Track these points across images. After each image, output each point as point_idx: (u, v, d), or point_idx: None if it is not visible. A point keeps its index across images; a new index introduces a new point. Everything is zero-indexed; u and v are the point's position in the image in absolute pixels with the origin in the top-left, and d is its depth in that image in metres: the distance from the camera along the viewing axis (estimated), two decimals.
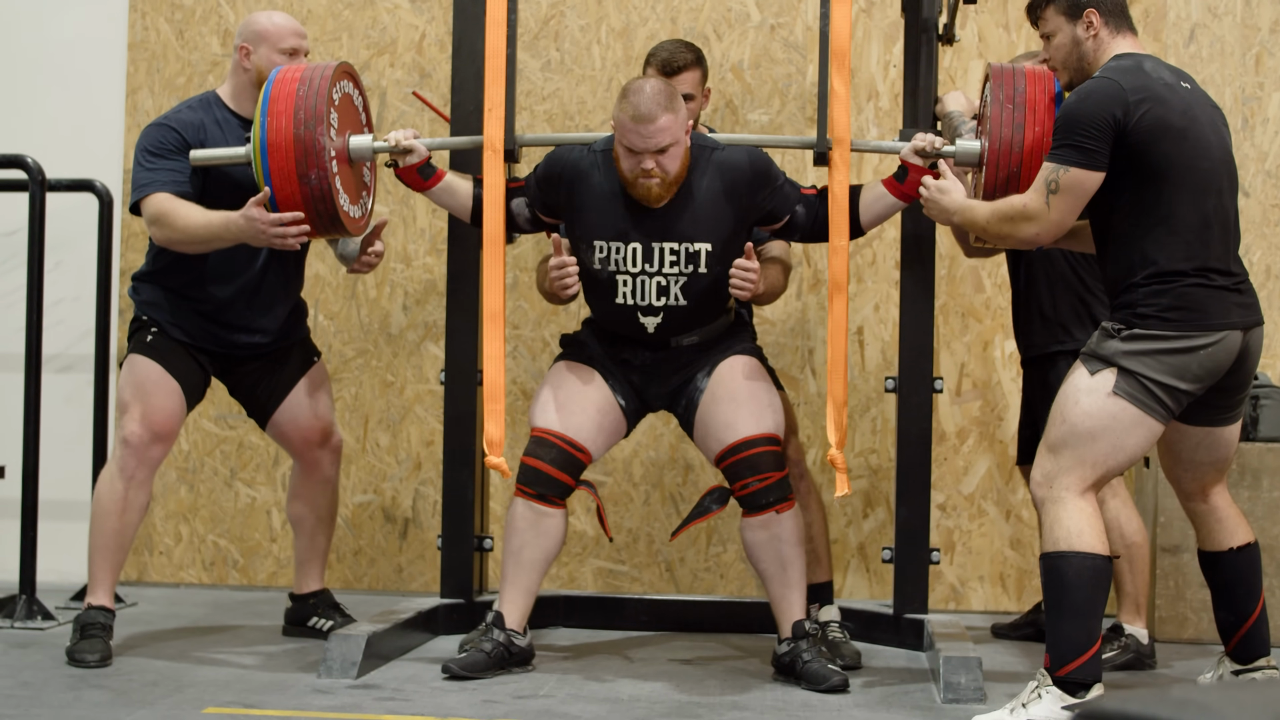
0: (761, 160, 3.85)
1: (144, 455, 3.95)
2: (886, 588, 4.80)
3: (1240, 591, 3.55)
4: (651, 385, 3.94)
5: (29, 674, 3.73)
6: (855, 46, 5.09)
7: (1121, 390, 3.26)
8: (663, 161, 3.70)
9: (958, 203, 3.63)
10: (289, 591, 4.43)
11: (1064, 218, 3.38)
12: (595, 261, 3.83)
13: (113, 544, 3.97)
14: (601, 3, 5.20)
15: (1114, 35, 3.49)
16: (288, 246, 3.82)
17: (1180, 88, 3.39)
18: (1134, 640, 4.02)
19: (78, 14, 5.40)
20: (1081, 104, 3.35)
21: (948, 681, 3.56)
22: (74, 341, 5.30)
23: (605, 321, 3.95)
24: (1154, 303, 3.29)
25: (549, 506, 3.79)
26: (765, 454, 3.74)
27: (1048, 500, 3.30)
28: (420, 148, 3.92)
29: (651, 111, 3.65)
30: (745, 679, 3.82)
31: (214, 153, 3.92)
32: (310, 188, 3.76)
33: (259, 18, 4.10)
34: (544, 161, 3.93)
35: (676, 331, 3.88)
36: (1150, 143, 3.30)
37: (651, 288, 3.81)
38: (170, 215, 3.88)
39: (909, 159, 3.83)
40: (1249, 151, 4.97)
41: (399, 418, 5.24)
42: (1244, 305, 3.36)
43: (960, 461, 5.04)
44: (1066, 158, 3.33)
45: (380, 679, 3.70)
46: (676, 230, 3.79)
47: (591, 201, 3.83)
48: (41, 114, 5.38)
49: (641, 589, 5.13)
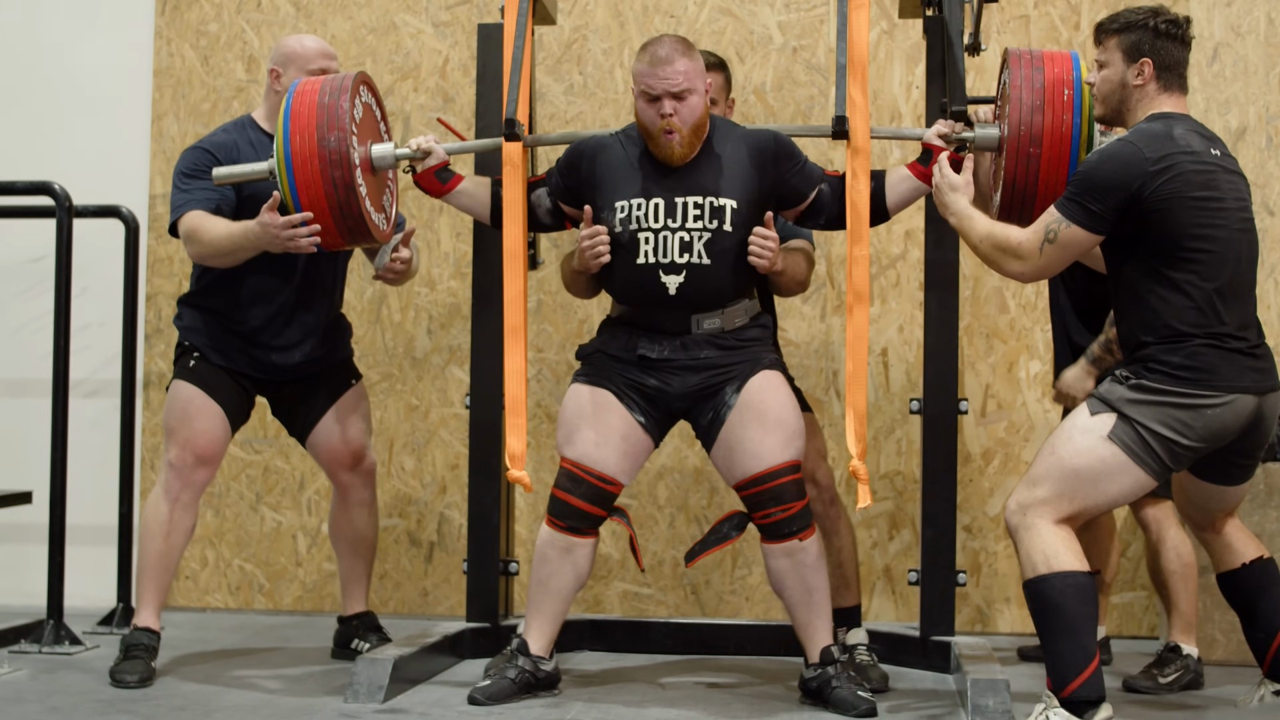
0: (785, 139, 3.87)
1: (189, 479, 4.02)
2: (913, 610, 4.80)
3: (1264, 606, 3.55)
4: (673, 383, 3.82)
5: (57, 699, 3.74)
6: (877, 68, 5.10)
7: (1117, 437, 3.28)
8: (681, 110, 3.70)
9: (959, 207, 3.61)
10: (338, 615, 4.46)
11: (1050, 266, 3.42)
12: (617, 223, 3.79)
13: (158, 565, 4.02)
14: (624, 26, 5.21)
15: (1161, 91, 3.46)
16: (301, 249, 3.83)
17: (1208, 155, 3.37)
18: (1191, 659, 4.03)
19: (103, 41, 5.43)
20: (1101, 166, 3.35)
21: (975, 704, 3.54)
22: (100, 366, 5.32)
23: (626, 290, 3.86)
24: (1165, 360, 3.29)
25: (579, 537, 3.78)
26: (789, 484, 3.71)
27: (1020, 528, 3.33)
28: (439, 150, 3.95)
29: (669, 55, 3.70)
30: (772, 703, 3.81)
31: (236, 169, 3.94)
32: (336, 197, 3.78)
33: (289, 41, 4.18)
34: (565, 151, 3.96)
35: (698, 298, 3.79)
36: (1167, 211, 3.30)
37: (675, 243, 3.75)
38: (199, 230, 3.96)
39: (931, 141, 3.82)
40: (1274, 170, 4.95)
41: (424, 441, 5.24)
42: (1259, 369, 3.34)
43: (986, 483, 5.03)
44: (1072, 213, 3.35)
45: (407, 703, 3.70)
46: (700, 185, 3.77)
47: (613, 169, 3.83)
48: (68, 141, 5.41)
49: (667, 612, 5.13)
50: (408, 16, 5.30)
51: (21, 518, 5.07)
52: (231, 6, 5.36)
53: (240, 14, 5.36)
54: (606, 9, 5.22)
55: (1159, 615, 4.82)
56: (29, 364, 5.31)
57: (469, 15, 5.25)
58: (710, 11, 5.19)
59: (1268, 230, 4.94)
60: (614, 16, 5.22)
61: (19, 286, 5.40)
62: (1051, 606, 3.25)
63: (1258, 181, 4.95)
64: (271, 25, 5.34)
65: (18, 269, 5.39)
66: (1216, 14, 4.99)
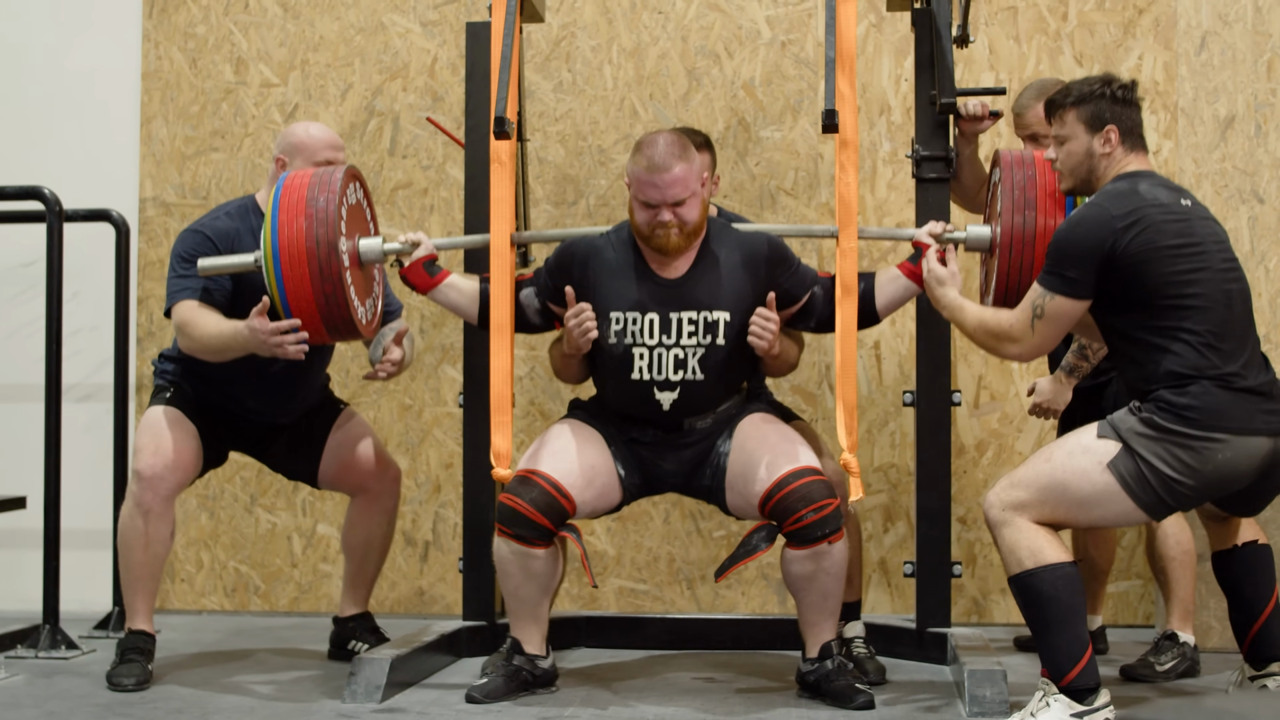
0: (779, 242, 3.84)
1: (158, 486, 3.95)
2: (909, 602, 4.80)
3: (1249, 589, 3.59)
4: (664, 460, 3.85)
5: (54, 704, 3.74)
6: (866, 62, 5.11)
7: (1115, 468, 3.28)
8: (680, 213, 3.66)
9: (949, 299, 3.66)
10: (333, 615, 4.45)
11: (1046, 342, 3.44)
12: (611, 335, 3.76)
13: (142, 575, 4.00)
14: (612, 23, 5.21)
15: (1127, 154, 3.50)
16: (289, 355, 3.78)
17: (1178, 206, 3.39)
18: (1188, 647, 4.04)
19: (91, 45, 5.43)
20: (1070, 233, 3.38)
21: (973, 695, 3.55)
22: (93, 371, 5.32)
23: (618, 401, 3.86)
24: (1174, 401, 3.27)
25: (532, 547, 3.69)
26: (815, 484, 3.64)
27: (1000, 524, 3.34)
28: (428, 243, 3.90)
29: (666, 161, 3.64)
30: (769, 697, 3.81)
31: (223, 261, 3.89)
32: (324, 294, 3.73)
33: (296, 130, 4.12)
34: (555, 251, 3.90)
35: (691, 410, 3.81)
36: (1143, 263, 3.31)
37: (669, 361, 3.75)
38: (190, 325, 3.91)
39: (922, 240, 3.82)
40: (1263, 158, 4.96)
41: (418, 441, 5.24)
42: (1271, 411, 3.32)
43: (980, 474, 5.04)
44: (1053, 285, 3.38)
45: (405, 703, 3.70)
46: (695, 299, 3.74)
47: (606, 276, 3.79)
48: (57, 145, 5.41)
49: (663, 608, 5.13)
50: (396, 16, 5.30)
51: (16, 523, 5.07)
52: (219, 8, 5.36)
53: (228, 16, 5.35)
54: (595, 6, 5.22)
55: (1155, 603, 4.83)
56: (21, 369, 5.30)
57: (457, 14, 5.25)
58: (698, 7, 5.19)
59: (1258, 218, 4.95)
60: (602, 13, 5.22)
61: (10, 291, 5.39)
62: (1043, 599, 3.27)
63: (1246, 169, 4.96)
64: (260, 26, 5.33)
65: (8, 274, 5.38)
66: (1204, 2, 5.00)
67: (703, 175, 3.74)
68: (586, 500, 3.77)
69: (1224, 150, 4.97)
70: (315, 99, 5.31)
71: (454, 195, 5.20)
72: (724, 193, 5.11)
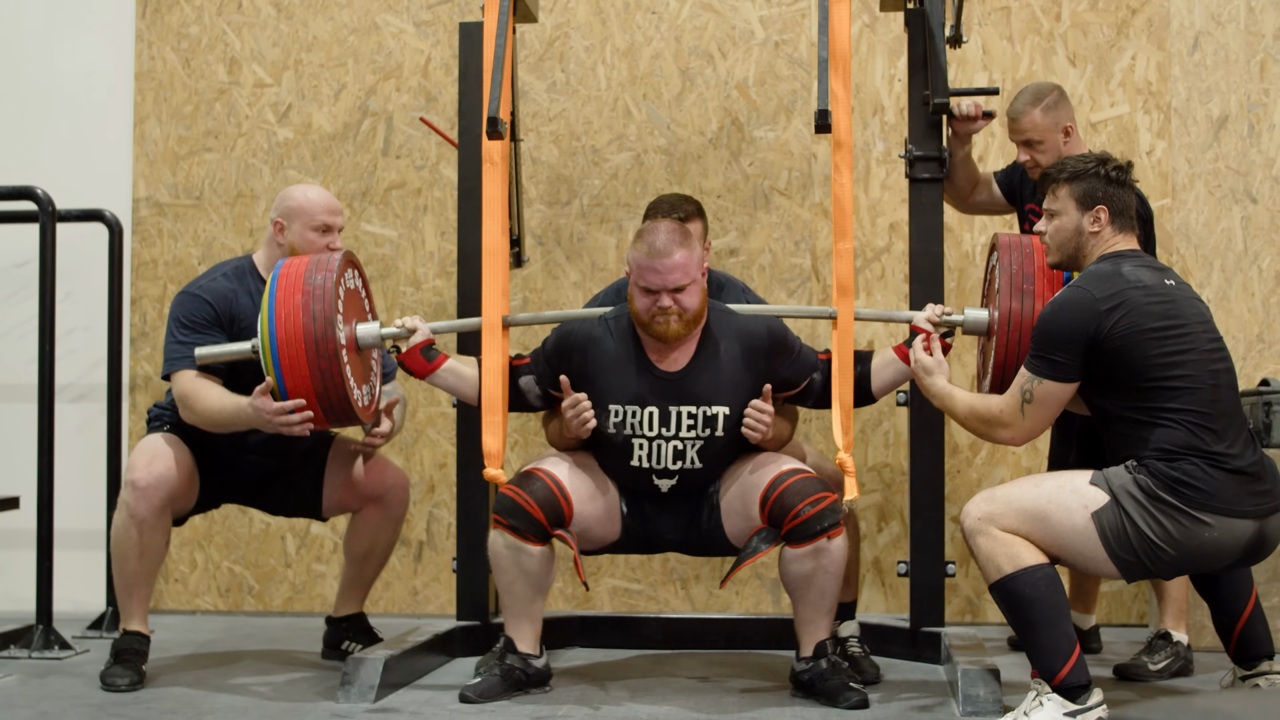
0: (779, 329, 3.85)
1: (151, 497, 3.92)
2: (902, 601, 4.81)
3: (1226, 591, 3.60)
4: (663, 516, 3.87)
5: (48, 704, 3.74)
6: (859, 62, 5.11)
7: (1099, 520, 3.29)
8: (681, 299, 3.67)
9: (939, 388, 3.67)
10: (326, 615, 4.45)
11: (1037, 425, 3.45)
12: (610, 425, 3.78)
13: (136, 582, 3.98)
14: (606, 23, 5.22)
15: (1115, 234, 3.52)
16: (294, 434, 3.79)
17: (1162, 286, 3.40)
18: (1181, 646, 4.04)
19: (85, 45, 5.42)
20: (1054, 317, 3.39)
21: (966, 694, 3.55)
22: (86, 371, 5.31)
23: (616, 479, 3.88)
24: (1167, 472, 3.28)
25: (526, 543, 3.70)
26: (808, 480, 3.68)
27: (977, 533, 3.35)
28: (424, 328, 3.90)
29: (667, 247, 3.65)
30: (763, 696, 3.82)
31: (220, 350, 3.88)
32: (322, 382, 3.72)
33: (295, 194, 4.09)
34: (552, 336, 3.90)
35: (688, 491, 3.84)
36: (1128, 346, 3.32)
37: (668, 451, 3.78)
38: (192, 398, 3.91)
39: (919, 325, 3.83)
40: (1255, 158, 4.97)
41: (411, 441, 5.24)
42: (1259, 492, 3.33)
43: (974, 473, 5.04)
44: (1040, 369, 3.39)
45: (398, 703, 3.70)
46: (694, 394, 3.75)
47: (605, 367, 3.79)
48: (50, 145, 5.40)
49: (657, 607, 5.13)
50: (389, 16, 5.30)
51: (9, 523, 5.06)
52: (212, 9, 5.35)
53: (221, 16, 5.35)
54: (588, 6, 5.22)
55: (1148, 603, 4.83)
56: (14, 369, 5.29)
57: (450, 14, 5.25)
58: (692, 7, 5.19)
59: (1251, 218, 4.96)
60: (596, 13, 5.22)
61: (3, 292, 5.39)
62: (1027, 601, 3.28)
63: (1239, 169, 4.97)
64: (253, 27, 5.33)
65: (1, 274, 5.38)
66: (1197, 3, 5.01)
67: (702, 264, 3.75)
68: (586, 514, 3.78)
69: (1217, 150, 4.98)
70: (309, 99, 5.30)
71: (447, 195, 5.20)
72: (718, 194, 5.11)
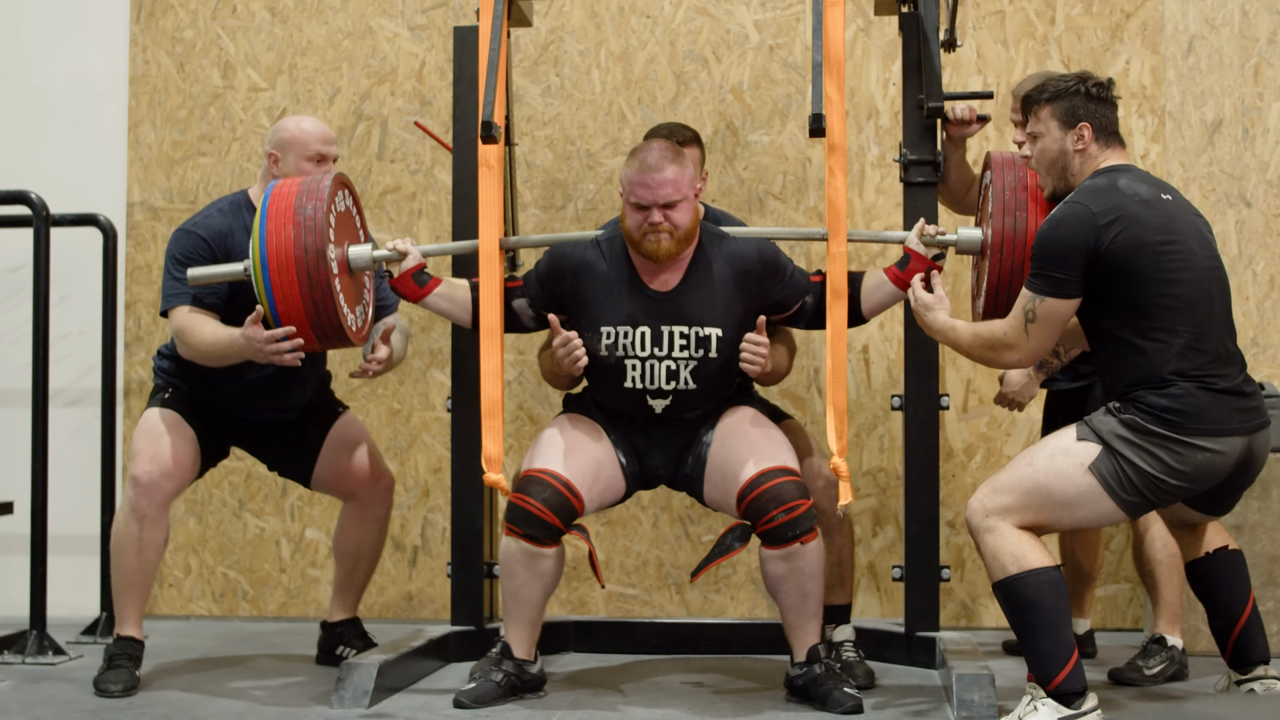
0: (770, 251, 3.86)
1: (154, 493, 3.95)
2: (897, 606, 4.80)
3: (1224, 594, 3.61)
4: (654, 450, 3.90)
5: (41, 709, 3.73)
6: (854, 66, 5.11)
7: (1097, 469, 3.30)
8: (672, 216, 3.69)
9: (940, 322, 3.67)
10: (321, 620, 4.45)
11: (1042, 344, 3.44)
12: (603, 348, 3.80)
13: (134, 581, 3.99)
14: (600, 27, 5.21)
15: (1102, 150, 3.51)
16: (285, 363, 3.79)
17: (1159, 200, 3.40)
18: (1176, 650, 4.04)
19: (79, 50, 5.42)
20: (1053, 234, 3.38)
21: (961, 699, 3.55)
22: (80, 375, 5.30)
23: (611, 403, 3.91)
24: (1153, 403, 3.30)
25: (541, 547, 3.72)
26: (789, 484, 3.68)
27: (983, 530, 3.36)
28: (416, 252, 3.91)
29: (659, 163, 3.67)
30: (758, 701, 3.81)
31: (212, 271, 3.89)
32: (314, 303, 3.72)
33: (288, 125, 4.11)
34: (545, 258, 3.92)
35: (683, 412, 3.86)
36: (1127, 261, 3.32)
37: (661, 371, 3.79)
38: (187, 332, 3.93)
39: (912, 247, 3.84)
40: (1250, 162, 4.97)
41: (406, 445, 5.24)
42: (1246, 409, 3.35)
43: (969, 478, 5.04)
44: (1041, 288, 3.38)
45: (393, 708, 3.69)
46: (686, 314, 3.77)
47: (598, 289, 3.81)
48: (44, 149, 5.40)
49: (652, 612, 5.13)
50: (383, 20, 5.29)
51: (3, 528, 5.06)
52: (206, 13, 5.35)
53: (215, 20, 5.34)
54: (583, 10, 5.22)
55: (1143, 607, 4.83)
56: (8, 374, 5.29)
57: (445, 18, 5.25)
58: (686, 11, 5.19)
59: (1245, 222, 4.97)
60: (590, 18, 5.22)
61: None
62: (1028, 604, 3.28)
63: (1234, 173, 4.97)
64: (247, 31, 5.33)
65: None
66: (1191, 7, 5.01)
67: (695, 183, 3.76)
68: (594, 496, 3.81)
69: (1211, 154, 4.98)
70: (303, 103, 5.30)
71: (442, 199, 5.20)
72: (712, 197, 5.11)
